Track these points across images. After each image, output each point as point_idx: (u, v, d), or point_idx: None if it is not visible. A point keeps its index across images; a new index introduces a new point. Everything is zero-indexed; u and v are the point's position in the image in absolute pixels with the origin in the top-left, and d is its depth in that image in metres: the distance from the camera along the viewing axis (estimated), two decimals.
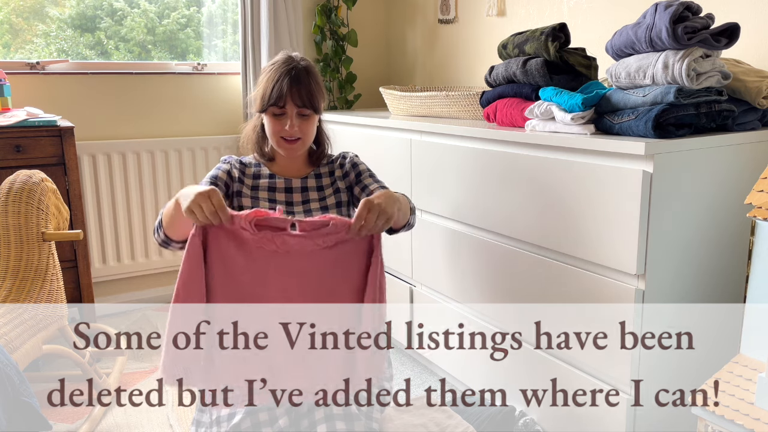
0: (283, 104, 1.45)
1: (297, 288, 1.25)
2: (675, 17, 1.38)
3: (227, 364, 1.26)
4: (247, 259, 1.24)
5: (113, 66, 2.76)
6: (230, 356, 1.26)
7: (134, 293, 2.87)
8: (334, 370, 1.29)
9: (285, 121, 1.47)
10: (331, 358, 1.29)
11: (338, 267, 1.27)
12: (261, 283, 1.25)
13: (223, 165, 1.56)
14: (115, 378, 2.12)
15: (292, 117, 1.46)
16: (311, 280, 1.26)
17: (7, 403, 1.47)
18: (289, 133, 1.47)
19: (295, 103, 1.46)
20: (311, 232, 1.23)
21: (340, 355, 1.29)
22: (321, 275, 1.26)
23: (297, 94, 1.45)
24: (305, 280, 1.26)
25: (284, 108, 1.46)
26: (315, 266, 1.25)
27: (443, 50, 2.88)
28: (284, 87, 1.44)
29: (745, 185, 1.50)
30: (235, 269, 1.24)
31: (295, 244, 1.23)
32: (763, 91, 1.49)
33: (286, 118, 1.47)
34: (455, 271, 1.96)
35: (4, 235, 1.83)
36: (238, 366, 1.26)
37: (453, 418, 1.53)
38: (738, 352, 1.28)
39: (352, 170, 1.60)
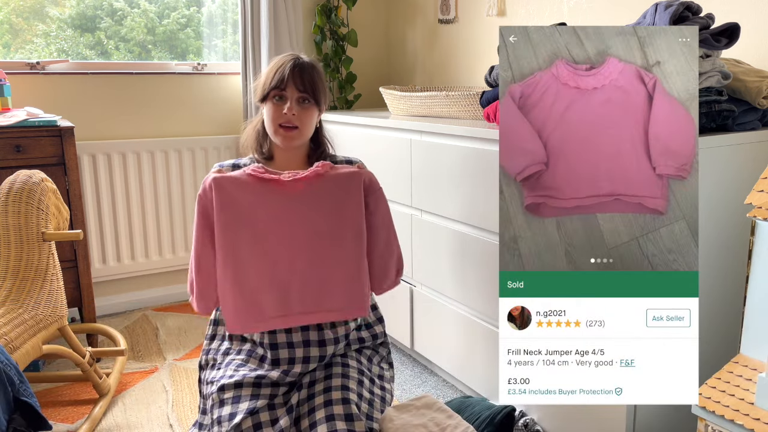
0: (284, 87, 1.45)
1: (298, 219, 1.41)
2: (675, 17, 1.38)
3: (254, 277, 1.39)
4: (254, 195, 1.40)
5: (113, 66, 2.76)
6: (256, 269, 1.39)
7: (134, 293, 2.87)
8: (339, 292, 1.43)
9: (285, 106, 1.46)
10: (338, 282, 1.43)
11: (332, 200, 1.43)
12: (268, 221, 1.40)
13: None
14: (115, 378, 2.12)
15: (291, 100, 1.46)
16: (309, 212, 1.42)
17: (7, 403, 1.47)
18: (287, 118, 1.46)
19: (297, 87, 1.45)
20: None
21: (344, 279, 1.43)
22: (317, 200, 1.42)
23: (299, 78, 1.45)
24: (305, 211, 1.42)
25: (285, 91, 1.46)
26: (310, 199, 1.42)
27: (443, 50, 2.88)
28: (287, 71, 1.45)
29: (745, 185, 1.50)
30: (243, 205, 1.40)
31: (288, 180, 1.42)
32: (763, 91, 1.49)
33: (285, 104, 1.46)
34: (455, 271, 1.96)
35: (4, 235, 1.83)
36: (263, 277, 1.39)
37: (453, 418, 1.53)
38: (738, 352, 1.28)
39: None
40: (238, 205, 1.39)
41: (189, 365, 2.29)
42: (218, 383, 1.40)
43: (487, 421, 1.66)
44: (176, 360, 2.33)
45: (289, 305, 1.40)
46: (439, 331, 2.08)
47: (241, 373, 1.40)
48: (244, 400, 1.35)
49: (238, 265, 1.37)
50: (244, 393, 1.37)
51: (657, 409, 1.48)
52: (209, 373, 1.48)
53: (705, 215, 1.45)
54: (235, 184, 1.40)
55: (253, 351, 1.47)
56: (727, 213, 1.50)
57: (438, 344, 2.10)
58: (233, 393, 1.37)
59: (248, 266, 1.38)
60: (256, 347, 1.47)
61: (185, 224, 2.89)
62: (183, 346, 2.45)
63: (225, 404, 1.36)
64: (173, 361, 2.32)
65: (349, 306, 1.43)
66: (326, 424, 1.29)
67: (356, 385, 1.41)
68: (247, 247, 1.37)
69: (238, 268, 1.37)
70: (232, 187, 1.39)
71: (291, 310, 1.40)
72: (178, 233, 2.88)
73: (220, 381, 1.40)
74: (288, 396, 1.41)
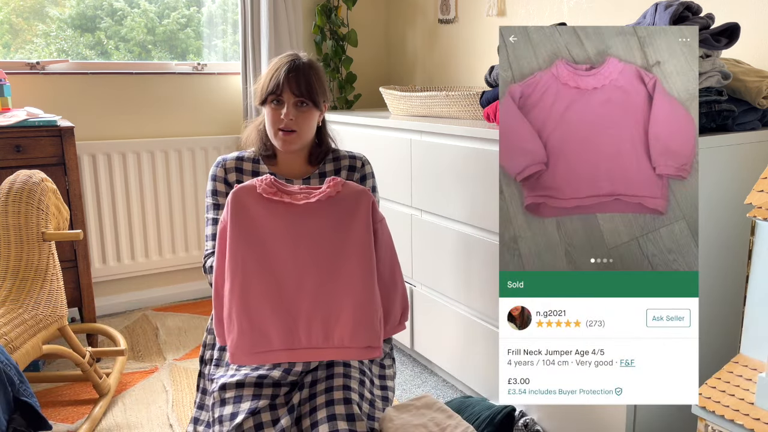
0: (280, 92, 1.45)
1: (308, 238, 1.34)
2: (675, 17, 1.38)
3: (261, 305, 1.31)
4: (266, 209, 1.34)
5: (113, 66, 2.76)
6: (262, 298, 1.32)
7: (134, 293, 2.87)
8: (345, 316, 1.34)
9: (282, 111, 1.46)
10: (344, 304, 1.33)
11: (341, 221, 1.36)
12: (278, 238, 1.34)
13: (218, 174, 1.55)
14: (115, 378, 2.12)
15: (288, 105, 1.45)
16: (319, 231, 1.35)
17: (7, 403, 1.47)
18: (284, 123, 1.45)
19: (293, 92, 1.45)
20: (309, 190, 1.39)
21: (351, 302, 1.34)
22: (326, 228, 1.35)
23: (294, 83, 1.44)
24: (314, 231, 1.35)
25: (281, 96, 1.45)
26: (320, 218, 1.35)
27: (443, 50, 2.88)
28: (281, 75, 1.44)
29: (745, 185, 1.50)
30: (258, 223, 1.34)
31: (300, 196, 1.37)
32: (763, 91, 1.49)
33: (283, 108, 1.46)
34: (456, 271, 1.96)
35: (4, 235, 1.83)
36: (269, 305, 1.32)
37: (453, 418, 1.53)
38: (738, 352, 1.28)
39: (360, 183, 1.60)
40: (251, 218, 1.33)
41: (189, 365, 2.29)
42: (220, 381, 1.40)
43: (487, 421, 1.67)
44: (176, 360, 2.33)
45: (297, 337, 1.31)
46: (439, 331, 2.08)
47: (242, 373, 1.40)
48: (245, 399, 1.35)
49: (246, 281, 1.30)
50: (246, 392, 1.37)
51: (657, 409, 1.48)
52: (211, 369, 1.48)
53: (705, 215, 1.45)
54: (251, 195, 1.35)
55: None
56: (727, 213, 1.50)
57: (438, 344, 2.10)
58: (235, 392, 1.37)
59: (255, 283, 1.30)
60: None
61: (185, 224, 2.89)
62: (183, 346, 2.45)
63: (226, 403, 1.36)
64: (173, 361, 2.32)
65: (359, 336, 1.31)
66: (328, 424, 1.29)
67: (358, 385, 1.41)
68: (255, 264, 1.31)
69: (245, 284, 1.30)
70: (248, 198, 1.35)
71: (298, 343, 1.31)
72: (178, 233, 2.88)
73: (221, 380, 1.40)
74: (289, 396, 1.41)
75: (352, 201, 1.36)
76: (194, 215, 2.90)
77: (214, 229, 1.52)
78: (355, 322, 1.29)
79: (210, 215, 1.54)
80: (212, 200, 1.54)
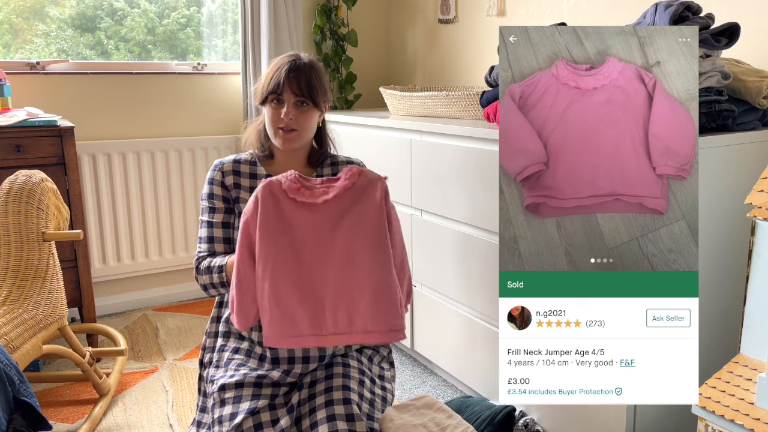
0: (280, 91, 1.45)
1: (329, 228, 1.38)
2: (675, 17, 1.38)
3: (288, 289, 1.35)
4: (292, 204, 1.39)
5: (113, 66, 2.76)
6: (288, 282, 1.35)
7: (134, 293, 2.87)
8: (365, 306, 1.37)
9: (282, 110, 1.46)
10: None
11: (358, 209, 1.40)
12: (302, 229, 1.38)
13: (215, 177, 1.54)
14: (115, 378, 2.12)
15: (288, 105, 1.46)
16: (339, 220, 1.39)
17: (7, 403, 1.47)
18: (284, 122, 1.46)
19: (293, 91, 1.45)
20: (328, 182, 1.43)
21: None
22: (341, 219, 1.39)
23: (295, 82, 1.45)
24: (335, 220, 1.39)
25: (282, 96, 1.46)
26: (339, 208, 1.39)
27: (443, 50, 2.88)
28: (282, 74, 1.45)
29: (745, 185, 1.50)
30: (284, 215, 1.38)
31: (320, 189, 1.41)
32: (763, 91, 1.49)
33: (283, 107, 1.46)
34: (456, 271, 1.96)
35: (4, 235, 1.83)
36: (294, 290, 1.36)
37: (453, 418, 1.53)
38: (738, 352, 1.28)
39: None
40: (278, 211, 1.38)
41: (189, 365, 2.29)
42: (219, 382, 1.40)
43: (487, 421, 1.67)
44: (176, 360, 2.33)
45: (323, 323, 1.35)
46: (439, 331, 2.08)
47: (241, 373, 1.40)
48: (245, 399, 1.35)
49: (275, 272, 1.34)
50: (245, 393, 1.37)
51: (657, 409, 1.48)
52: (210, 371, 1.48)
53: (705, 215, 1.45)
54: (278, 189, 1.39)
55: (251, 350, 1.47)
56: (727, 213, 1.50)
57: (438, 344, 2.10)
58: (234, 393, 1.37)
59: (283, 274, 1.35)
60: (254, 345, 1.48)
61: (185, 224, 2.89)
62: (183, 346, 2.45)
63: (226, 404, 1.36)
64: (173, 361, 2.32)
65: (383, 320, 1.36)
66: (327, 424, 1.29)
67: (357, 385, 1.41)
68: (284, 255, 1.35)
69: (275, 275, 1.34)
70: (278, 192, 1.39)
71: (326, 329, 1.35)
72: (179, 233, 2.88)
73: (220, 380, 1.40)
74: (289, 396, 1.41)
75: (369, 189, 1.41)
76: (194, 215, 2.90)
77: (209, 231, 1.52)
78: (376, 306, 1.34)
79: (205, 218, 1.54)
80: (208, 203, 1.54)
